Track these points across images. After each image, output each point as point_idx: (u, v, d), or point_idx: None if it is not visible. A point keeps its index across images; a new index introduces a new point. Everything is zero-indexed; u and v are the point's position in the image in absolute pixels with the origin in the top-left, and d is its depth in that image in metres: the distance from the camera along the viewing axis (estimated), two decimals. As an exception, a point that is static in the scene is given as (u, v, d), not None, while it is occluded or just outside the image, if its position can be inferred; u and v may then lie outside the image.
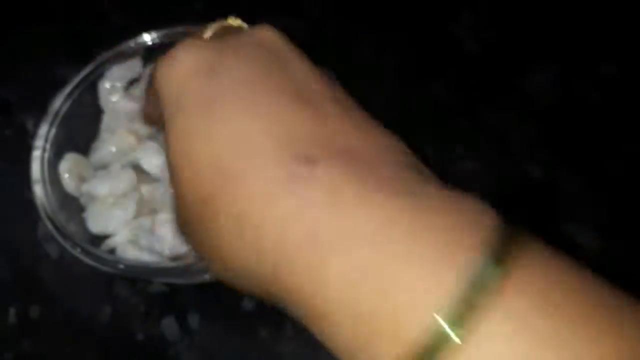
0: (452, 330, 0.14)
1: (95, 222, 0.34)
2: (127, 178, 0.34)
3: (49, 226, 0.33)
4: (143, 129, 0.36)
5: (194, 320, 0.37)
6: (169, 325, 0.37)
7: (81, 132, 0.37)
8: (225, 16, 0.37)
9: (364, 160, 0.18)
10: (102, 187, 0.34)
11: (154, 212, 0.35)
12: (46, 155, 0.34)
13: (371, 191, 0.17)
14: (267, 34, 0.22)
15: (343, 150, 0.18)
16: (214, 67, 0.20)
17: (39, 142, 0.34)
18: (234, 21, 0.25)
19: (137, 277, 0.37)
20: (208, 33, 0.24)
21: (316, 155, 0.18)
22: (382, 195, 0.16)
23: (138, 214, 0.34)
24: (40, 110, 0.36)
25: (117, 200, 0.34)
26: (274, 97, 0.19)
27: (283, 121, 0.19)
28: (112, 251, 0.35)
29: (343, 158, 0.18)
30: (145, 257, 0.34)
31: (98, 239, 0.35)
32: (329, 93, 0.20)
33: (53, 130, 0.35)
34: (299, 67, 0.21)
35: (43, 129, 0.35)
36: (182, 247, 0.34)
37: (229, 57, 0.21)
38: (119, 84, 0.37)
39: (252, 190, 0.18)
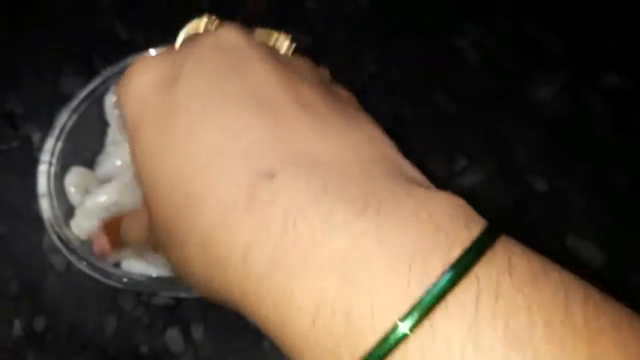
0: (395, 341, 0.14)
1: (77, 226, 0.34)
2: (107, 192, 0.34)
3: (55, 239, 0.33)
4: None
5: (197, 332, 0.37)
6: (173, 337, 0.37)
7: (87, 145, 0.38)
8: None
9: (327, 167, 0.17)
10: (89, 201, 0.34)
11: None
12: (52, 169, 0.35)
13: (332, 210, 0.15)
14: (229, 35, 0.20)
15: (303, 156, 0.17)
16: (171, 80, 0.19)
17: (45, 157, 0.35)
18: (199, 23, 0.23)
19: (142, 290, 0.37)
20: (178, 42, 0.23)
21: (274, 167, 0.16)
22: (343, 214, 0.15)
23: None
24: (46, 123, 0.37)
25: (97, 212, 0.34)
26: (229, 106, 0.18)
27: (237, 133, 0.17)
28: (117, 264, 0.35)
29: (303, 166, 0.17)
30: (151, 271, 0.34)
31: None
32: (292, 95, 0.19)
33: (59, 145, 0.35)
34: (260, 68, 0.19)
35: (49, 144, 0.35)
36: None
37: (187, 66, 0.19)
38: (124, 98, 0.37)
39: (212, 217, 0.17)
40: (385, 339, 0.14)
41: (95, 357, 0.37)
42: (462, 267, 0.14)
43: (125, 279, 0.32)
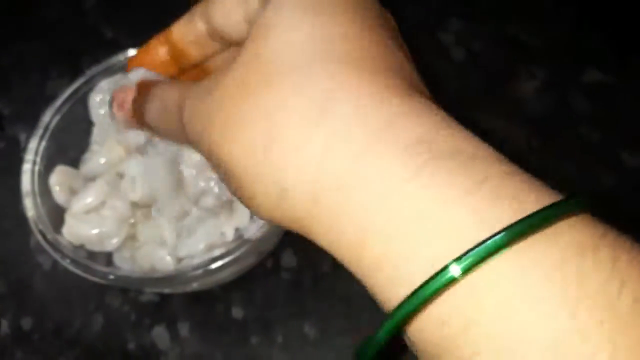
0: (456, 268, 0.14)
1: (68, 232, 0.34)
2: (93, 192, 0.34)
3: (39, 238, 0.33)
4: (132, 140, 0.36)
5: (184, 328, 0.37)
6: (159, 334, 0.37)
7: (72, 144, 0.38)
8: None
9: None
10: (75, 204, 0.35)
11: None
12: (36, 168, 0.35)
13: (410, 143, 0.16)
14: None
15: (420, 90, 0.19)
16: None
17: (29, 156, 0.35)
18: None
19: (128, 287, 0.37)
20: None
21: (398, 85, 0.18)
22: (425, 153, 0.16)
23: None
24: (32, 123, 0.37)
25: (87, 215, 0.34)
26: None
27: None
28: (108, 262, 0.36)
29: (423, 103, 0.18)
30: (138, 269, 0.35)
31: (92, 251, 0.36)
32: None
33: (43, 144, 0.36)
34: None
35: (33, 143, 0.35)
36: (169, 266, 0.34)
37: None
38: (108, 97, 0.37)
39: (295, 105, 0.17)
40: (441, 271, 0.14)
41: (83, 354, 0.37)
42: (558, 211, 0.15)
43: (111, 276, 0.32)
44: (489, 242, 0.14)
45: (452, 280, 0.14)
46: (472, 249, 0.14)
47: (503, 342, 0.14)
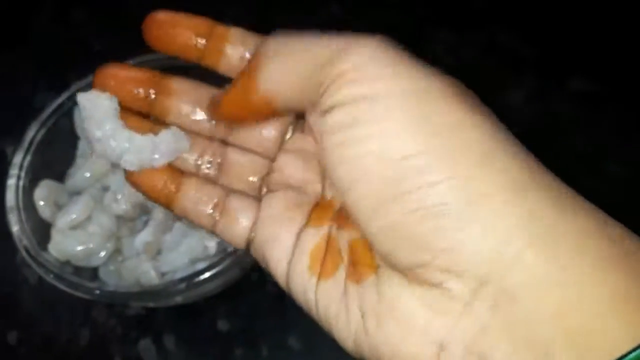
0: None
1: (55, 249, 0.34)
2: (78, 208, 0.34)
3: (23, 253, 0.33)
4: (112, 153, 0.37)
5: (170, 341, 0.37)
6: (146, 347, 0.37)
7: (57, 158, 0.38)
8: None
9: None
10: (60, 220, 0.35)
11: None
12: (21, 183, 0.35)
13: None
14: None
15: None
16: None
17: (13, 170, 0.35)
18: None
19: (113, 302, 0.37)
20: None
21: None
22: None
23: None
24: (19, 137, 0.37)
25: (73, 231, 0.34)
26: None
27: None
28: (94, 276, 0.36)
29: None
30: (125, 283, 0.35)
31: (78, 265, 0.36)
32: None
33: (28, 158, 0.36)
34: None
35: (18, 157, 0.35)
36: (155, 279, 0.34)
37: None
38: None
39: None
40: None
41: (69, 368, 0.37)
42: None
43: (96, 291, 0.32)
44: None
45: None
46: None
47: None
